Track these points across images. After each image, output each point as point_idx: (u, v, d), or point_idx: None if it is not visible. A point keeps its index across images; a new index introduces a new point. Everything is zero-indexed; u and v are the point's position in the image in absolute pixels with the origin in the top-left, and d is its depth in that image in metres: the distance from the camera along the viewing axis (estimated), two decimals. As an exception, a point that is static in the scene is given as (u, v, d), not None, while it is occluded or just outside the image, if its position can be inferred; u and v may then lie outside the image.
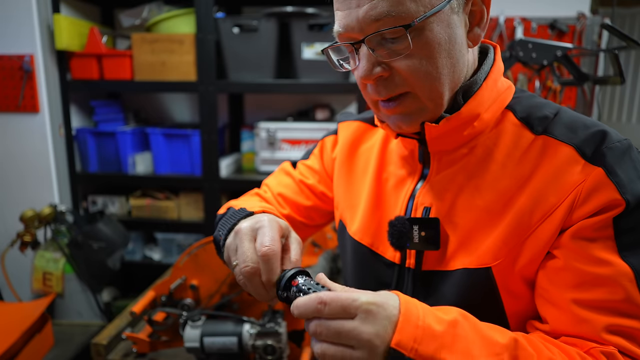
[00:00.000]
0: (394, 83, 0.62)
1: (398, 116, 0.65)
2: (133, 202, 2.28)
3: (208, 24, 1.96)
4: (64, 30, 1.96)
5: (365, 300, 0.51)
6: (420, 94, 0.62)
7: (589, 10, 2.04)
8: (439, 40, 0.59)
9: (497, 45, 0.71)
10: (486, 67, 0.67)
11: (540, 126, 0.64)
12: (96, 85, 2.11)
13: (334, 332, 0.50)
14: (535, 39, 1.51)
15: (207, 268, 1.05)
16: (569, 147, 0.61)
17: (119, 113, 2.36)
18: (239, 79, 2.03)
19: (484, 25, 0.64)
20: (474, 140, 0.67)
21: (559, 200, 0.59)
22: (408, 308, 0.52)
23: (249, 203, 0.81)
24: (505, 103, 0.68)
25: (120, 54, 2.07)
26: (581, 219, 0.58)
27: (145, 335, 1.07)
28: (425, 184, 0.71)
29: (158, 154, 2.18)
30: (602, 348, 0.55)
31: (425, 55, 0.59)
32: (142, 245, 2.39)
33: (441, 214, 0.69)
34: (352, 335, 0.50)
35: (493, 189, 0.65)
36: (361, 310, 0.50)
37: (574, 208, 0.58)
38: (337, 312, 0.50)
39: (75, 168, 2.19)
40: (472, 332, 0.53)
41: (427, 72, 0.60)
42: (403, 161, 0.76)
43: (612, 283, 0.56)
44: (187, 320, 1.02)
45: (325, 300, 0.51)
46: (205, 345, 0.99)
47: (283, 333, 0.99)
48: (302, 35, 1.94)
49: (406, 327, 0.50)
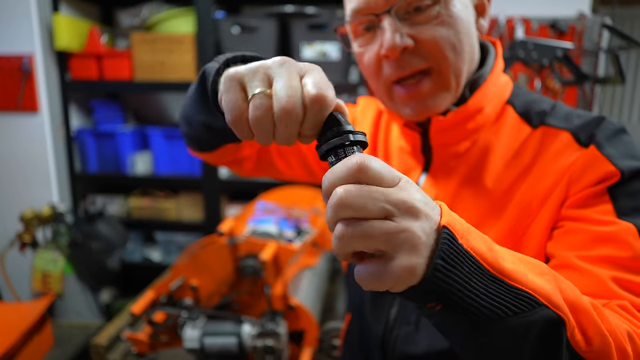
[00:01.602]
0: (418, 55, 0.61)
1: (416, 102, 0.64)
2: (133, 202, 2.27)
3: (208, 24, 1.95)
4: (63, 30, 1.96)
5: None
6: (445, 67, 0.61)
7: (589, 10, 2.04)
8: (462, 16, 0.60)
9: (497, 42, 0.71)
10: (490, 61, 0.68)
11: (538, 120, 0.65)
12: (96, 85, 2.10)
13: (369, 194, 0.36)
14: (536, 38, 1.51)
15: (207, 268, 1.05)
16: (566, 133, 0.62)
17: (119, 113, 2.36)
18: (239, 78, 2.03)
19: (487, 18, 0.66)
20: (475, 134, 0.67)
21: (555, 183, 0.60)
22: (448, 210, 0.41)
23: None
24: (505, 97, 0.68)
25: (120, 54, 2.07)
26: (576, 193, 0.58)
27: (144, 336, 1.07)
28: (428, 177, 0.71)
29: (158, 154, 2.18)
30: (616, 302, 0.51)
31: (452, 26, 0.59)
32: (141, 246, 2.39)
33: None
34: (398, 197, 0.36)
35: (495, 181, 0.65)
36: (405, 179, 0.38)
37: (569, 185, 0.59)
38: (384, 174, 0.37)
39: (74, 168, 2.19)
40: (513, 252, 0.46)
41: (453, 45, 0.60)
42: (405, 154, 0.75)
43: (617, 239, 0.54)
44: (187, 321, 1.02)
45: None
46: (205, 345, 0.99)
47: (283, 333, 0.99)
48: (302, 35, 1.94)
49: (451, 215, 0.39)
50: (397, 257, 0.35)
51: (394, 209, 0.35)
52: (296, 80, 0.42)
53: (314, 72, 0.43)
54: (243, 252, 1.08)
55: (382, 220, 0.35)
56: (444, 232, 0.37)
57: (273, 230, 1.27)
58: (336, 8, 1.98)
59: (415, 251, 0.35)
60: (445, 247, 0.36)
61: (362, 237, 0.35)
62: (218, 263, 1.03)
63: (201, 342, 0.99)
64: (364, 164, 0.36)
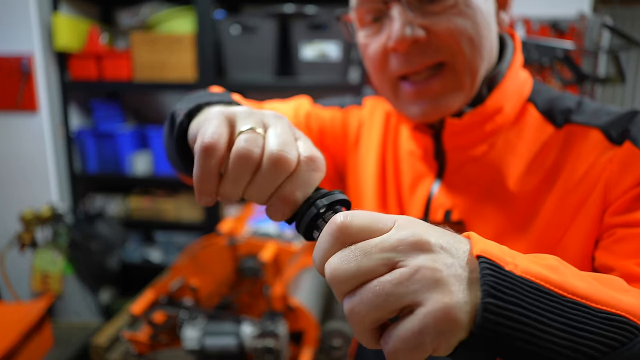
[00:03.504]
0: (430, 48, 0.54)
1: (426, 102, 0.57)
2: (132, 202, 2.27)
3: (208, 24, 1.95)
4: (63, 30, 1.96)
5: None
6: (460, 63, 0.55)
7: (590, 10, 2.04)
8: (482, 7, 0.54)
9: (515, 34, 0.64)
10: (508, 56, 0.61)
11: (563, 118, 0.58)
12: (95, 85, 2.10)
13: (362, 252, 0.30)
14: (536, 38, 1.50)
15: (207, 268, 1.05)
16: (596, 130, 0.55)
17: (118, 113, 2.36)
18: (239, 78, 2.03)
19: (508, 10, 0.59)
20: (494, 136, 0.60)
21: (591, 186, 0.53)
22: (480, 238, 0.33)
23: None
24: (525, 95, 0.61)
25: (120, 54, 2.07)
26: (619, 197, 0.51)
27: (144, 336, 1.07)
28: (443, 184, 0.64)
29: (157, 154, 2.18)
30: None
31: (469, 17, 0.53)
32: (141, 246, 2.38)
33: (464, 216, 0.61)
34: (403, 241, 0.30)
35: (518, 188, 0.58)
36: (397, 219, 0.32)
37: (609, 189, 0.52)
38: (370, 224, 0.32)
39: (74, 168, 2.19)
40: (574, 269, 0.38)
41: (470, 38, 0.54)
42: (415, 159, 0.68)
43: None
44: (187, 321, 1.01)
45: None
46: (205, 346, 0.99)
47: (283, 334, 0.99)
48: (301, 35, 1.94)
49: (485, 242, 0.31)
50: (422, 303, 0.28)
51: (395, 254, 0.29)
52: (292, 136, 0.39)
53: (306, 140, 0.41)
54: (243, 253, 1.07)
55: (388, 273, 0.29)
56: (481, 261, 0.29)
57: (273, 230, 1.27)
58: (336, 8, 1.97)
59: (439, 287, 0.28)
60: (490, 280, 0.28)
61: (372, 302, 0.28)
62: (218, 263, 1.03)
63: (201, 342, 0.99)
64: (344, 224, 0.31)
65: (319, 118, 0.77)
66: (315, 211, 0.36)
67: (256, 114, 0.41)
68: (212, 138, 0.37)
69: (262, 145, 0.37)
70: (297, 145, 0.39)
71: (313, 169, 0.38)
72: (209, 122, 0.38)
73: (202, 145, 0.37)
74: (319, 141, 0.76)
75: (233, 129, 0.39)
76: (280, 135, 0.38)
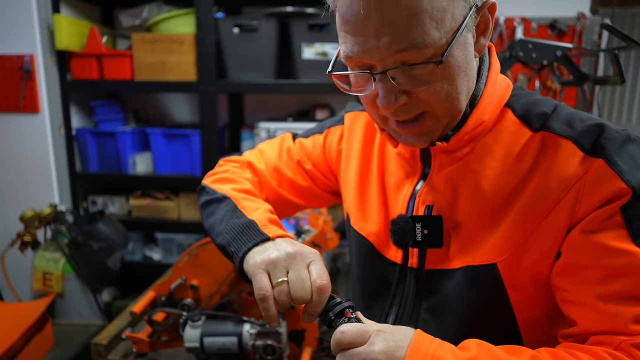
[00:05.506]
0: (413, 106, 0.60)
1: (412, 135, 0.64)
2: (133, 202, 2.28)
3: (208, 24, 1.96)
4: (64, 30, 1.96)
5: (378, 327, 0.55)
6: (440, 112, 0.61)
7: (589, 10, 2.04)
8: (459, 63, 0.58)
9: (491, 45, 0.69)
10: (484, 71, 0.67)
11: (539, 123, 0.63)
12: (96, 86, 2.11)
13: (348, 357, 0.54)
14: (535, 39, 1.51)
15: (207, 268, 1.05)
16: (567, 140, 0.60)
17: (119, 113, 2.36)
18: (239, 79, 2.03)
19: (489, 35, 0.63)
20: (474, 140, 0.66)
21: (560, 194, 0.59)
22: (421, 338, 0.54)
23: (258, 213, 0.76)
24: (503, 101, 0.67)
25: (120, 54, 2.07)
26: (588, 213, 0.57)
27: (145, 336, 1.07)
28: (427, 183, 0.71)
29: (158, 154, 2.18)
30: (632, 340, 0.53)
31: (447, 79, 0.58)
32: (142, 245, 2.39)
33: (443, 211, 0.68)
34: (362, 357, 0.53)
35: (494, 186, 0.64)
36: (374, 333, 0.54)
37: (578, 202, 0.57)
38: (354, 338, 0.54)
39: (75, 168, 2.19)
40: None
41: (448, 94, 0.59)
42: (402, 160, 0.75)
43: (634, 272, 0.54)
44: (187, 320, 1.02)
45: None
46: (205, 345, 0.99)
47: (283, 333, 0.99)
48: (302, 35, 1.94)
49: (416, 353, 0.52)
50: None
51: None
52: (305, 271, 0.61)
53: (317, 263, 0.62)
54: (243, 252, 1.08)
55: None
56: None
57: (273, 230, 1.27)
58: (336, 8, 1.98)
59: None
60: None
61: None
62: (218, 263, 1.03)
63: (201, 341, 0.99)
64: (339, 340, 0.54)
65: (302, 148, 0.93)
66: (328, 321, 0.61)
67: (280, 263, 0.62)
68: (261, 293, 0.60)
69: (287, 290, 0.61)
70: (310, 283, 0.61)
71: (323, 293, 0.60)
72: (255, 279, 0.62)
73: (259, 297, 0.61)
74: (300, 167, 0.92)
75: (270, 276, 0.62)
76: (298, 279, 0.61)
